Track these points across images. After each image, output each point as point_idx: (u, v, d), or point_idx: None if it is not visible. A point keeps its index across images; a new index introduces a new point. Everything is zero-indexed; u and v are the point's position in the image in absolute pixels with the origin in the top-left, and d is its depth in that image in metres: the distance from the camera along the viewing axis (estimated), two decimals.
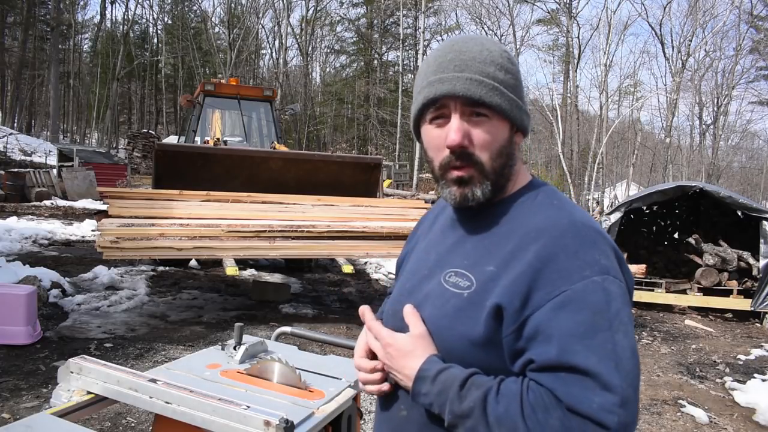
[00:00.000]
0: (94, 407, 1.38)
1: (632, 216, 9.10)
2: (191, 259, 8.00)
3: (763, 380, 4.84)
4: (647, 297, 7.72)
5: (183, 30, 41.42)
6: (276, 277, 7.97)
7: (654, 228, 9.64)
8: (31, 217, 12.80)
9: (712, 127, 31.52)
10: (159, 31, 45.94)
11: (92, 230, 10.46)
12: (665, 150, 30.45)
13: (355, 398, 1.48)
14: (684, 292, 7.89)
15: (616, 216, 7.91)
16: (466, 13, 34.14)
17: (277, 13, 37.70)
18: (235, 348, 1.61)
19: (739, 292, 7.54)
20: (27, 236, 9.56)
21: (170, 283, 7.23)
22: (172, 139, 15.57)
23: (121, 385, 1.31)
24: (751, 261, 7.74)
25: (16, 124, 37.77)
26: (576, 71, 30.44)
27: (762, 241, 7.25)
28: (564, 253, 0.87)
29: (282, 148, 8.63)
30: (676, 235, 9.40)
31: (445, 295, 0.96)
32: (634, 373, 0.82)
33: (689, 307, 7.98)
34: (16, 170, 18.58)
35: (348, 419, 1.44)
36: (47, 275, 5.93)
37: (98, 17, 44.39)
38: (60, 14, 36.99)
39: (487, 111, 0.94)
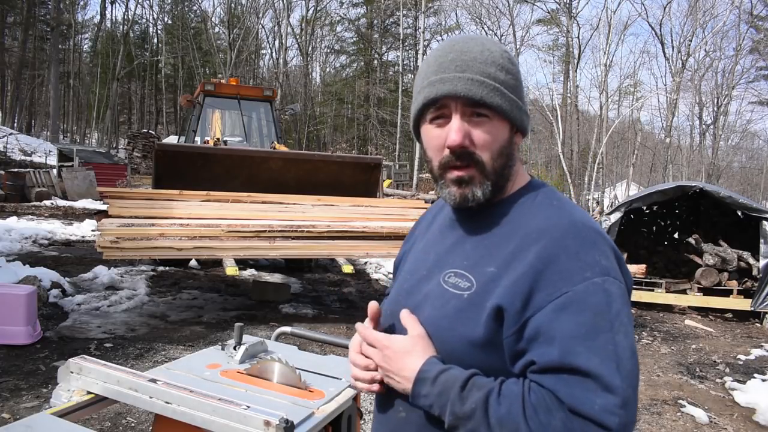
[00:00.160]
0: (94, 407, 1.38)
1: (632, 216, 9.10)
2: (191, 259, 8.00)
3: (763, 380, 4.84)
4: (647, 297, 7.72)
5: (183, 30, 41.41)
6: (276, 277, 7.96)
7: (654, 228, 9.63)
8: (31, 217, 12.79)
9: (712, 127, 31.51)
10: (159, 31, 45.99)
11: (92, 230, 10.46)
12: (665, 150, 30.45)
13: (355, 398, 1.48)
14: (684, 292, 7.89)
15: (616, 216, 7.90)
16: (466, 13, 34.23)
17: (277, 13, 37.75)
18: (235, 348, 1.61)
19: (739, 292, 7.54)
20: (27, 236, 9.56)
21: (170, 283, 7.23)
22: (172, 139, 15.56)
23: (121, 385, 1.31)
24: (751, 261, 7.74)
25: (16, 124, 37.77)
26: (576, 71, 30.48)
27: (762, 241, 7.25)
28: (565, 254, 0.87)
29: (282, 148, 8.63)
30: (676, 235, 9.39)
31: (444, 296, 0.95)
32: (634, 374, 0.83)
33: (689, 307, 7.97)
34: (16, 170, 18.57)
35: (348, 419, 1.44)
36: (47, 275, 5.93)
37: (98, 17, 44.52)
38: (60, 14, 36.98)
39: (488, 111, 0.94)
